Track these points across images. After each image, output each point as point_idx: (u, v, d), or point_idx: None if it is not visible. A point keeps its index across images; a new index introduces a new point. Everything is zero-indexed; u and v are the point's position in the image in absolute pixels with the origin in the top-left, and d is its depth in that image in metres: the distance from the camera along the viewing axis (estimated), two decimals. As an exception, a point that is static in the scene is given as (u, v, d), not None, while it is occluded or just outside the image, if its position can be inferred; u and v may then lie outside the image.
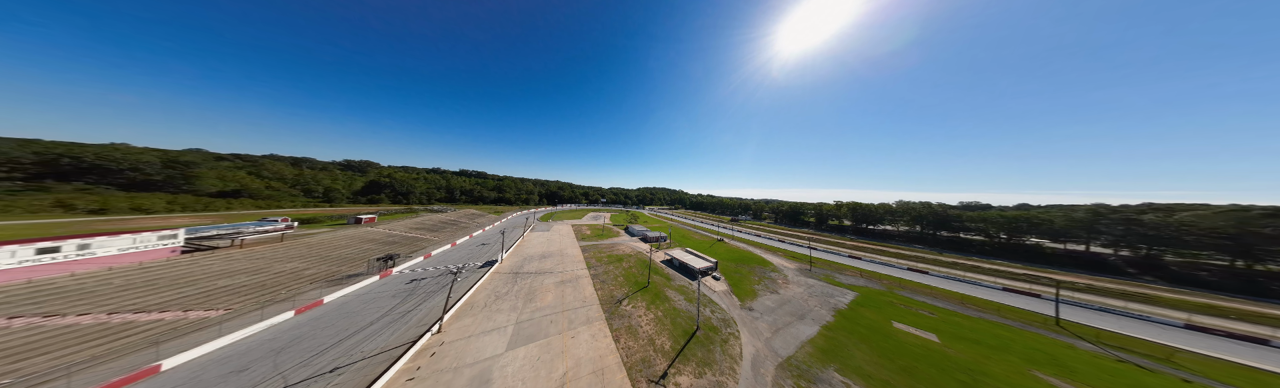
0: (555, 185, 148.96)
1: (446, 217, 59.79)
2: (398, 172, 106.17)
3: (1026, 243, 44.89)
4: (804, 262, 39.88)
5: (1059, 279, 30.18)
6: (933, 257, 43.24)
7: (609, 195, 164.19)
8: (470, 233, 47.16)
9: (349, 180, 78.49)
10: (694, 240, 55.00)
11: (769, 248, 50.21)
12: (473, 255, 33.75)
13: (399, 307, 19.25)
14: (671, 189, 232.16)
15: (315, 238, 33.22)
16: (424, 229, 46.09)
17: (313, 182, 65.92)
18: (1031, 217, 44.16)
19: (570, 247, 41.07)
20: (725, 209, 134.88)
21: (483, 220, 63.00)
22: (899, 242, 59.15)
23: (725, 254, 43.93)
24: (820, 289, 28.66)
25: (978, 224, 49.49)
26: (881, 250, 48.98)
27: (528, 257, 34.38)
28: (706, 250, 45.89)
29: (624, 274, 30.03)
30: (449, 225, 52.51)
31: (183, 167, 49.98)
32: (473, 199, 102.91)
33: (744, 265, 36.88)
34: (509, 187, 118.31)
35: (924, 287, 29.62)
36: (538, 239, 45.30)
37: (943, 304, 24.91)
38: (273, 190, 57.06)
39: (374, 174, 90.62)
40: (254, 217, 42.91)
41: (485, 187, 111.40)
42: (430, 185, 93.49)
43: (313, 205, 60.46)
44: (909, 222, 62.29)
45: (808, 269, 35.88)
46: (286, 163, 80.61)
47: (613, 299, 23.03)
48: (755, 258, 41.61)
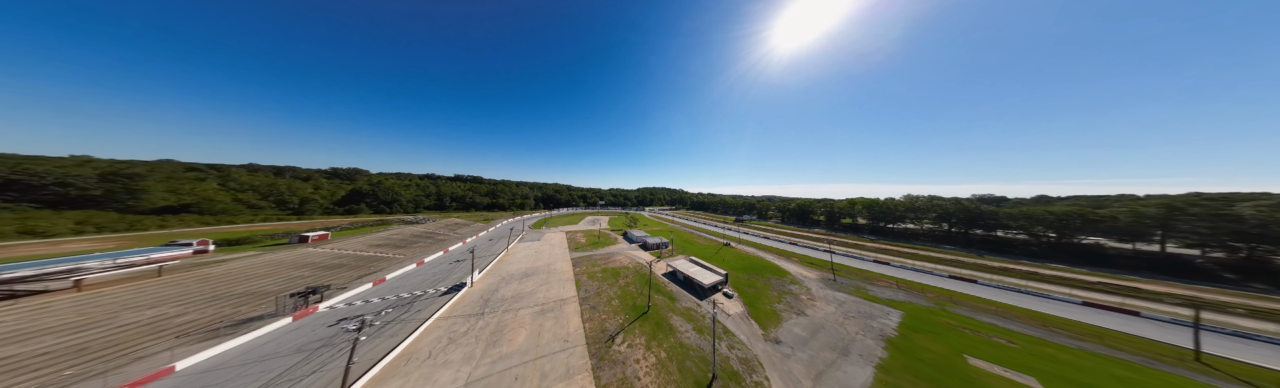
0: (552, 189, 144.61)
1: (421, 229, 53.93)
2: (389, 179, 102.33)
3: (1081, 243, 39.32)
4: (824, 269, 35.04)
5: (1155, 290, 25.22)
6: (973, 260, 38.06)
7: (608, 197, 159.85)
8: (446, 247, 41.89)
9: (333, 189, 74.32)
10: (698, 246, 50.10)
11: (781, 253, 45.28)
12: (439, 277, 28.59)
13: (299, 367, 13.57)
14: (671, 189, 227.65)
15: (223, 267, 25.99)
16: (388, 246, 40.34)
17: (286, 192, 61.05)
18: (1086, 213, 38.25)
19: (559, 260, 36.26)
20: (728, 209, 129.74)
21: (465, 231, 57.21)
22: (924, 242, 53.85)
23: (734, 262, 39.05)
24: (855, 307, 23.79)
25: (1019, 222, 43.70)
26: (910, 253, 43.98)
27: (507, 276, 29.57)
28: (712, 258, 41.11)
29: (620, 295, 25.30)
30: (422, 239, 46.86)
31: (125, 179, 44.39)
32: (464, 206, 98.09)
33: (758, 276, 32.08)
34: (503, 192, 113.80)
35: (982, 302, 24.69)
36: (524, 252, 40.43)
37: (1018, 327, 19.92)
38: (232, 204, 51.22)
39: (363, 182, 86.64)
40: (188, 236, 36.34)
41: (478, 192, 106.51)
42: (419, 192, 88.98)
43: (278, 219, 54.99)
44: (935, 220, 56.57)
45: (831, 279, 31.06)
46: (266, 172, 76.68)
47: (603, 335, 18.29)
48: (768, 266, 36.72)
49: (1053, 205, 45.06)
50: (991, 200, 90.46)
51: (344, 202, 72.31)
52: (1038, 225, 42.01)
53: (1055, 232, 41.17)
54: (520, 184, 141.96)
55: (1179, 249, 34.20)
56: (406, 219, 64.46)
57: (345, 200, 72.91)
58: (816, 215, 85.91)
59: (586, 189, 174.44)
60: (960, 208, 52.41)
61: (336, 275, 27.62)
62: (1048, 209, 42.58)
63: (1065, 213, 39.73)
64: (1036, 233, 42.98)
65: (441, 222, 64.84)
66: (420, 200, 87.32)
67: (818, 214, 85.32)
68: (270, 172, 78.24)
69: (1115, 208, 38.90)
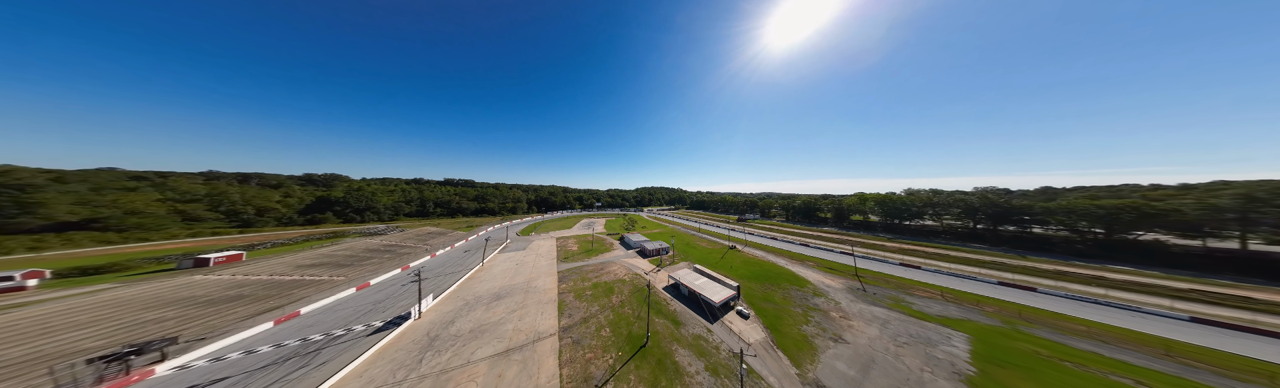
0: (547, 191, 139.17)
1: (381, 241, 46.22)
2: (372, 185, 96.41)
3: (1137, 239, 34.04)
4: (847, 276, 30.46)
5: (1272, 300, 20.39)
6: (1017, 262, 33.47)
7: (606, 198, 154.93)
8: (407, 263, 34.94)
9: (305, 197, 68.22)
10: (700, 250, 45.27)
11: (793, 256, 40.63)
12: (382, 306, 22.15)
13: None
14: (670, 188, 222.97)
15: (23, 312, 18.28)
16: (327, 265, 32.70)
17: (239, 201, 54.16)
18: (1143, 205, 33.34)
19: (543, 274, 31.16)
20: (728, 207, 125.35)
21: (439, 241, 49.56)
22: (946, 240, 49.33)
23: (743, 269, 34.34)
24: (903, 328, 19.12)
25: (1060, 216, 38.91)
26: (937, 254, 39.46)
27: (473, 299, 23.83)
28: (719, 264, 36.31)
29: (612, 320, 20.42)
30: (378, 254, 39.20)
31: (14, 191, 36.13)
32: (450, 212, 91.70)
33: (773, 287, 27.42)
34: (492, 195, 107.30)
35: (1061, 318, 19.97)
36: (503, 265, 34.71)
37: (1136, 358, 15.18)
38: (164, 217, 43.48)
39: (341, 189, 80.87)
40: (46, 262, 28.74)
41: (465, 197, 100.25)
42: (400, 198, 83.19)
43: (213, 232, 47.41)
44: (958, 216, 51.71)
45: (860, 289, 26.44)
46: (230, 180, 70.49)
47: (587, 385, 13.48)
48: (783, 273, 32.07)
49: (1100, 199, 39.79)
50: (995, 192, 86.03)
51: (309, 210, 65.54)
52: (1083, 220, 37.39)
53: (1104, 227, 36.50)
54: (512, 187, 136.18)
55: (1265, 246, 29.11)
56: (371, 229, 57.62)
57: (311, 209, 66.12)
58: (823, 213, 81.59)
59: (583, 190, 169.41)
60: (988, 202, 47.50)
61: (220, 314, 20.10)
62: (1095, 202, 37.76)
63: (1118, 206, 34.91)
64: (1081, 229, 38.32)
65: (411, 231, 58.04)
66: (400, 207, 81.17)
67: (824, 212, 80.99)
68: (235, 179, 71.93)
69: (1177, 200, 33.48)
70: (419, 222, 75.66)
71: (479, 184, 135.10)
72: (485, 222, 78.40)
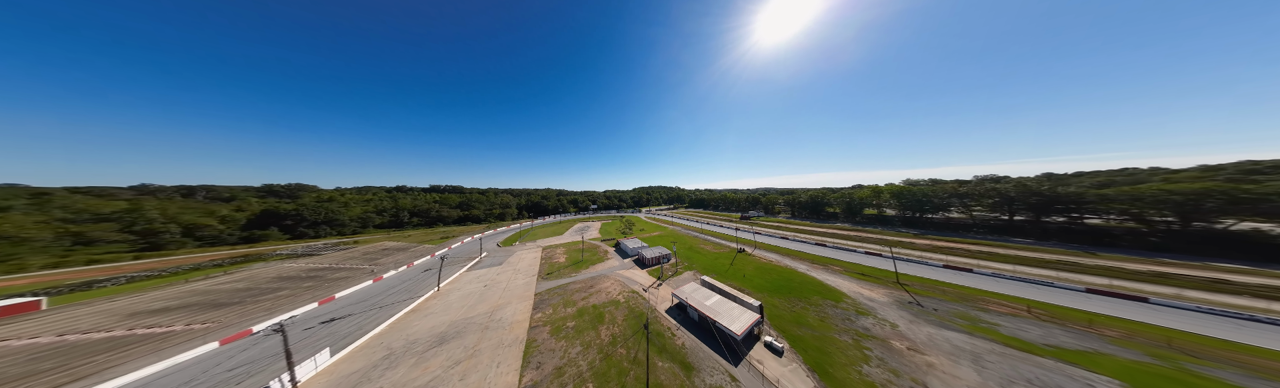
0: (539, 195, 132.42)
1: (306, 265, 36.67)
2: (347, 194, 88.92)
3: (1227, 229, 28.35)
4: (886, 283, 24.94)
5: None
6: (1092, 261, 27.84)
7: (602, 200, 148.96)
8: (332, 294, 25.85)
9: (258, 209, 60.59)
10: (706, 254, 39.43)
11: (814, 259, 35.02)
12: (236, 375, 14.47)
13: None
14: (668, 187, 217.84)
15: None
16: (194, 307, 22.97)
17: (160, 219, 44.90)
18: (1232, 189, 27.41)
19: (516, 299, 24.74)
20: (729, 205, 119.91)
21: (395, 259, 40.54)
22: (981, 234, 43.96)
23: (759, 277, 28.63)
24: (1008, 368, 13.47)
25: (1123, 204, 33.24)
26: (982, 252, 33.95)
27: (402, 346, 16.97)
28: (729, 272, 30.55)
29: (598, 370, 14.55)
30: (292, 284, 29.35)
31: None
32: (429, 221, 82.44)
33: (802, 302, 21.82)
34: (478, 202, 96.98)
35: (1231, 347, 14.49)
36: (466, 289, 27.23)
37: None
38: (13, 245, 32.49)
39: (309, 199, 73.48)
40: None
41: (447, 204, 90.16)
42: (370, 208, 75.26)
43: (91, 261, 36.08)
44: (992, 206, 46.01)
45: (913, 303, 20.88)
46: (172, 194, 62.51)
47: None
48: (809, 282, 26.42)
49: (1175, 181, 33.63)
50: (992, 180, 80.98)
51: (252, 226, 56.99)
52: (1152, 209, 31.91)
53: (1178, 215, 31.00)
54: (501, 192, 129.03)
55: None
56: (307, 249, 47.30)
57: (254, 224, 57.34)
58: (831, 208, 76.38)
59: (579, 193, 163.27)
60: (1026, 190, 41.72)
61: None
62: (1167, 187, 31.78)
63: (1198, 191, 29.00)
64: (1151, 218, 32.68)
65: (363, 248, 48.72)
66: (369, 219, 73.15)
67: (833, 206, 75.78)
68: (177, 192, 63.86)
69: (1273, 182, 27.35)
70: (387, 235, 67.52)
71: (468, 190, 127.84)
72: (466, 231, 70.69)
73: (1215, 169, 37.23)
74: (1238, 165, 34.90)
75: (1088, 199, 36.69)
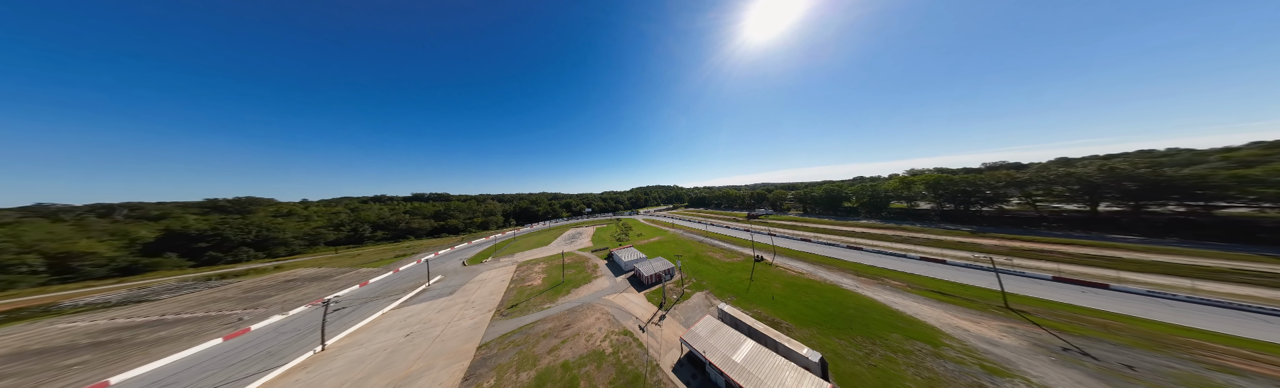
0: (529, 200, 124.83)
1: (110, 322, 23.81)
2: (313, 206, 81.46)
3: None
4: (990, 310, 16.96)
5: None
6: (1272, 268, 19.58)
7: (598, 203, 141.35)
8: (131, 367, 16.55)
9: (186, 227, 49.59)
10: (717, 265, 31.68)
11: (859, 269, 27.19)
12: None
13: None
14: (666, 186, 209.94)
15: None
16: None
17: (13, 248, 34.35)
18: None
19: (442, 362, 15.93)
20: (732, 202, 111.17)
21: (288, 298, 29.69)
22: (1057, 230, 35.05)
23: (795, 299, 21.03)
24: None
25: (1272, 188, 24.90)
26: (1088, 257, 25.58)
27: None
28: (752, 292, 22.85)
29: None
30: (49, 361, 18.10)
31: None
32: (397, 234, 73.29)
33: (879, 347, 14.09)
34: (458, 210, 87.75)
35: None
36: (370, 344, 18.52)
37: None
38: None
39: (264, 214, 65.83)
40: None
41: (420, 214, 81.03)
42: (323, 223, 65.09)
43: None
44: (1071, 195, 36.19)
45: (1067, 349, 13.02)
46: (82, 214, 52.19)
47: None
48: (871, 308, 18.70)
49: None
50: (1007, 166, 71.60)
51: (153, 250, 44.90)
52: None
53: None
54: (486, 199, 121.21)
55: None
56: (132, 293, 32.17)
57: (155, 248, 45.35)
58: (850, 202, 68.15)
59: (573, 196, 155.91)
60: (1118, 176, 31.95)
61: None
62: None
63: None
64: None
65: (248, 282, 36.78)
66: (320, 235, 63.28)
67: (852, 200, 67.54)
68: (92, 212, 53.49)
69: None
70: (332, 254, 57.89)
71: (455, 197, 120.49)
72: (434, 245, 61.72)
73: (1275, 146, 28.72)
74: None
75: (1215, 183, 27.63)
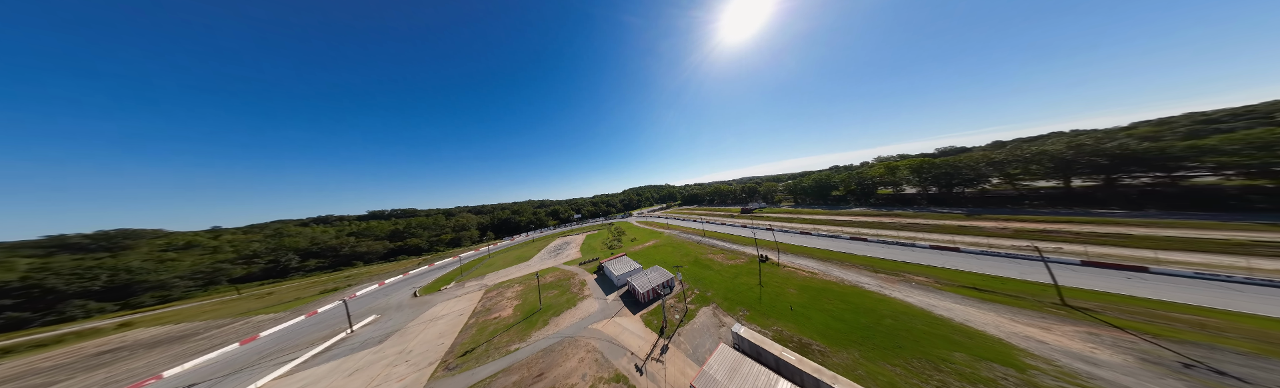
0: (511, 210, 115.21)
1: None
2: (232, 234, 67.08)
3: None
4: (1048, 308, 14.22)
5: None
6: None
7: (588, 208, 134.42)
8: None
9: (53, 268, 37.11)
10: (719, 269, 27.96)
11: (875, 264, 24.33)
12: None
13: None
14: (658, 185, 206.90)
15: None
16: None
17: None
18: None
19: None
20: (725, 197, 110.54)
21: (107, 377, 19.51)
22: (1041, 208, 35.26)
23: (816, 307, 17.59)
24: None
25: (1235, 157, 25.13)
26: (1100, 235, 24.11)
27: None
28: (765, 301, 19.11)
29: None
30: None
31: None
32: (337, 261, 60.36)
33: (939, 372, 10.57)
34: (421, 227, 76.53)
35: None
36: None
37: None
38: None
39: (147, 250, 51.75)
40: None
41: (372, 235, 68.88)
42: (218, 258, 50.34)
43: None
44: (1046, 172, 36.17)
45: (1190, 365, 10.16)
46: None
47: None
48: (908, 314, 15.55)
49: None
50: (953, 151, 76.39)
51: None
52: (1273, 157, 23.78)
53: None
54: (459, 212, 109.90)
55: None
56: None
57: None
58: (838, 190, 68.37)
59: (561, 202, 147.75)
60: (1085, 152, 32.73)
61: None
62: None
63: None
64: (1267, 167, 24.63)
65: (18, 362, 24.12)
66: (222, 271, 48.66)
67: (840, 189, 67.78)
68: None
69: None
70: (234, 295, 45.02)
71: (422, 212, 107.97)
72: (383, 272, 51.36)
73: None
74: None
75: (1173, 154, 28.36)
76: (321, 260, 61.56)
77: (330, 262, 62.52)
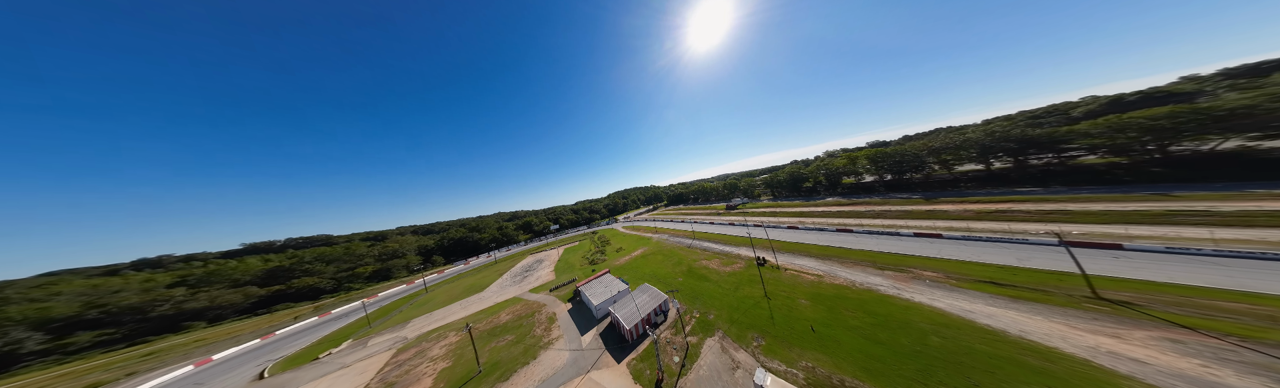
0: (467, 227, 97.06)
1: None
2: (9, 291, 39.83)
3: (1215, 150, 25.85)
4: (1084, 304, 12.42)
5: None
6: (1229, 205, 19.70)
7: (570, 216, 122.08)
8: None
9: None
10: (718, 279, 23.90)
11: (879, 260, 22.33)
12: None
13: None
14: (643, 187, 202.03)
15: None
16: None
17: None
18: (1203, 108, 25.17)
19: None
20: (709, 195, 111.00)
21: None
22: (976, 189, 39.24)
23: (841, 325, 14.29)
24: None
25: (1097, 137, 30.60)
26: (1051, 212, 25.42)
27: None
28: (777, 319, 15.13)
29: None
30: None
31: None
32: (146, 329, 39.64)
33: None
34: (320, 262, 55.01)
35: None
36: None
37: None
38: None
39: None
40: None
41: (223, 280, 47.92)
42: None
43: None
44: (972, 157, 42.39)
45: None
46: None
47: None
48: (957, 327, 12.67)
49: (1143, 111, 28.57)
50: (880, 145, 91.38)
51: None
52: (1126, 135, 28.53)
53: (1155, 142, 27.82)
54: (387, 236, 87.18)
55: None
56: None
57: None
58: (808, 182, 72.24)
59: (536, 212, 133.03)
60: (998, 138, 39.09)
61: None
62: (1146, 114, 27.17)
63: (1168, 115, 25.18)
64: (1125, 147, 29.47)
65: None
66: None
67: (809, 181, 71.63)
68: None
69: None
70: None
71: (340, 239, 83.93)
72: (231, 334, 34.58)
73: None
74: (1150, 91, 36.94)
75: (1058, 137, 33.84)
76: (106, 332, 38.58)
77: (132, 331, 40.20)
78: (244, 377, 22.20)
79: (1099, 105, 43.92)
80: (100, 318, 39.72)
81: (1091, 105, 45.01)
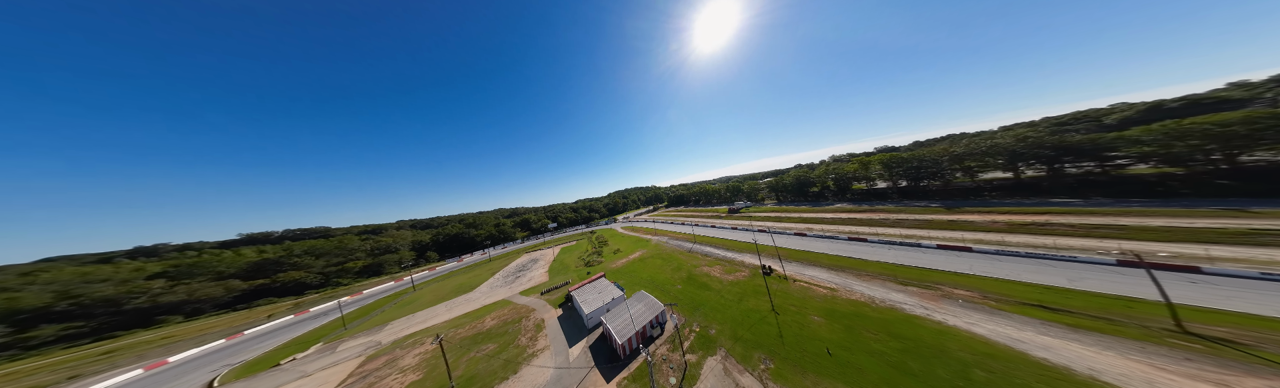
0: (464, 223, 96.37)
1: None
2: None
3: None
4: (1163, 338, 10.07)
5: None
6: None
7: (569, 214, 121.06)
8: None
9: None
10: (720, 288, 21.78)
11: (904, 274, 19.98)
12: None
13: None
14: (644, 187, 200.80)
15: None
16: None
17: None
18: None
19: None
20: (711, 197, 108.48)
21: None
22: (1002, 199, 36.03)
23: (870, 357, 11.56)
24: None
25: (1148, 146, 27.22)
26: (1100, 227, 22.67)
27: None
28: (790, 342, 12.66)
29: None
30: None
31: None
32: (118, 323, 36.50)
33: None
34: (310, 255, 53.70)
35: None
36: None
37: None
38: None
39: None
40: None
41: (207, 270, 46.10)
42: None
43: None
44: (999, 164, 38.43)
45: None
46: None
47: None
48: (1007, 359, 10.32)
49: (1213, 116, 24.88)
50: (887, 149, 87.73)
51: None
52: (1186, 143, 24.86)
53: (1221, 151, 24.37)
54: (384, 230, 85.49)
55: None
56: None
57: None
58: (815, 187, 69.54)
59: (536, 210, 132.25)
60: (1031, 144, 35.38)
61: None
62: (1214, 119, 23.53)
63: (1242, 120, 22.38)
64: (1182, 156, 25.97)
65: None
66: None
67: (817, 185, 68.92)
68: None
69: None
70: None
71: (338, 231, 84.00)
72: (204, 331, 32.23)
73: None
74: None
75: (1103, 145, 30.38)
76: (77, 325, 36.00)
77: (105, 324, 37.32)
78: (191, 386, 20.16)
79: (1136, 112, 40.73)
80: (70, 310, 37.47)
81: (1127, 112, 41.88)
